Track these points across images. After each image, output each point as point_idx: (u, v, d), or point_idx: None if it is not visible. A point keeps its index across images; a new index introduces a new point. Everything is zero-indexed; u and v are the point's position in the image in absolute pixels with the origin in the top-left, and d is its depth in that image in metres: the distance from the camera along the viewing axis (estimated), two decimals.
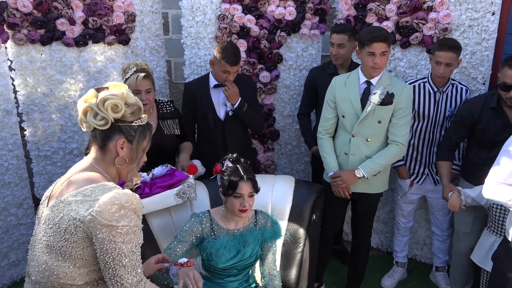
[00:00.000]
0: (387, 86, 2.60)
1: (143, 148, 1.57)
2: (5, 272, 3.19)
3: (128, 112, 1.50)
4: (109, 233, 1.37)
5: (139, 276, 1.45)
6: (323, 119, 2.81)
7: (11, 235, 3.16)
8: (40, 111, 3.12)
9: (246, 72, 3.30)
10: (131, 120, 1.52)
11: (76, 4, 2.96)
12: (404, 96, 2.61)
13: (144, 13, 3.22)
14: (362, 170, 2.65)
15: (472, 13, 2.91)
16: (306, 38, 3.33)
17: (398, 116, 2.62)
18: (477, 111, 2.66)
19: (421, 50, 3.10)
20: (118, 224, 1.38)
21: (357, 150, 2.70)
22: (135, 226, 1.42)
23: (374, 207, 2.92)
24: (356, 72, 2.70)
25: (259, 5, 3.18)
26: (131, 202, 1.41)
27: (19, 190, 3.14)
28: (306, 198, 2.52)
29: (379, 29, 2.62)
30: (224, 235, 2.20)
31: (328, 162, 2.78)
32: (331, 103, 2.75)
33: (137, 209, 1.43)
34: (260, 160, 3.56)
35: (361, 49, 2.57)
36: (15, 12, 2.83)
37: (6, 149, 3.00)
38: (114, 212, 1.37)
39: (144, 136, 1.56)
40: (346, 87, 2.68)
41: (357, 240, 3.02)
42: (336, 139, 2.82)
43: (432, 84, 2.89)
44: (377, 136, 2.68)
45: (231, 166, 2.18)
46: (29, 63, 3.00)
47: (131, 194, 1.43)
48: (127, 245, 1.40)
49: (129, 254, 1.41)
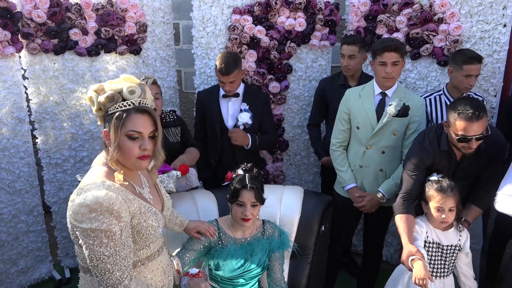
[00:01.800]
0: (402, 98, 2.60)
1: (126, 133, 1.49)
2: (14, 279, 3.20)
3: (102, 101, 1.49)
4: (81, 234, 1.42)
5: (118, 279, 1.46)
6: (337, 132, 2.81)
7: (20, 242, 3.18)
8: (52, 119, 3.16)
9: (256, 83, 3.32)
10: (107, 109, 1.51)
11: (89, 15, 3.02)
12: (419, 109, 2.62)
13: (155, 24, 3.26)
14: (383, 192, 2.67)
15: (483, 25, 2.90)
16: (316, 49, 3.34)
17: (413, 130, 2.62)
18: (436, 155, 2.38)
19: (432, 61, 3.09)
20: (87, 227, 1.39)
21: (372, 162, 2.69)
22: (107, 231, 1.40)
23: (387, 220, 2.90)
24: (371, 84, 2.70)
25: (270, 16, 3.20)
26: (101, 204, 1.39)
27: (30, 197, 3.16)
28: (315, 209, 2.50)
29: (391, 39, 2.64)
30: (232, 244, 2.19)
31: (344, 176, 2.77)
32: (345, 115, 2.74)
33: (113, 211, 1.41)
34: (269, 170, 3.55)
35: (374, 59, 2.59)
36: (29, 22, 2.88)
37: (18, 156, 3.04)
38: (83, 213, 1.39)
39: (119, 120, 1.47)
40: (361, 98, 2.68)
41: (369, 252, 2.99)
42: (349, 152, 2.81)
43: (448, 95, 2.86)
44: (392, 149, 2.66)
45: (240, 174, 2.18)
46: (42, 72, 3.05)
47: (104, 196, 1.40)
48: (100, 248, 1.41)
49: (103, 258, 1.42)
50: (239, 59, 2.92)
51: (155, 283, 1.66)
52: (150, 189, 1.71)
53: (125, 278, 1.47)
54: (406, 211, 2.29)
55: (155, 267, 1.67)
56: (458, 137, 2.15)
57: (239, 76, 2.90)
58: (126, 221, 1.47)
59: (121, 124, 1.47)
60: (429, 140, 2.36)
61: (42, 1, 2.87)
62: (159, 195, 1.78)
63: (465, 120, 2.10)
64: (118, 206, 1.43)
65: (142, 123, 1.50)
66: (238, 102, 2.99)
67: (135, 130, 1.49)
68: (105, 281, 1.46)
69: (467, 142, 2.15)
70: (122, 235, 1.44)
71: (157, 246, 1.69)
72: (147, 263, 1.64)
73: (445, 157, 2.34)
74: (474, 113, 2.08)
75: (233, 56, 2.89)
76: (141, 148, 1.51)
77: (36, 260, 3.31)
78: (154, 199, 1.70)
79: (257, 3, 3.17)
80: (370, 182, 2.73)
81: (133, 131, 1.49)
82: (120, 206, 1.43)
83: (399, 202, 2.35)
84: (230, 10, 3.20)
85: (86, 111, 3.22)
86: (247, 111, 2.94)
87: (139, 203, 1.55)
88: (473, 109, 2.09)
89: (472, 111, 2.08)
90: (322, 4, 3.21)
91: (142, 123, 1.50)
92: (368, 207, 2.72)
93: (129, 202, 1.50)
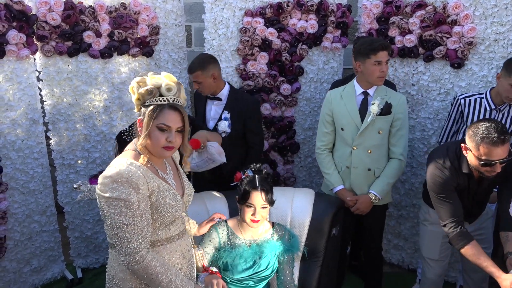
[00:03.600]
0: (384, 96, 2.62)
1: (157, 125, 1.65)
2: (27, 278, 3.24)
3: (142, 93, 1.65)
4: (105, 204, 1.60)
5: (135, 248, 1.61)
6: (321, 135, 2.81)
7: (34, 241, 3.22)
8: (65, 120, 3.20)
9: (267, 85, 3.32)
10: (145, 100, 1.67)
11: (102, 17, 3.05)
12: (401, 106, 2.65)
13: (168, 26, 3.29)
14: (375, 193, 2.67)
15: (498, 27, 2.86)
16: (327, 51, 3.33)
17: (397, 127, 2.65)
18: (460, 177, 2.32)
19: (445, 64, 3.05)
20: (108, 195, 1.58)
21: (359, 162, 2.69)
22: (126, 200, 1.58)
23: (380, 220, 2.89)
24: (351, 84, 2.71)
25: (281, 18, 3.20)
26: (121, 176, 1.58)
27: (43, 197, 3.20)
28: (326, 212, 2.49)
29: (380, 38, 2.66)
30: (241, 245, 2.19)
31: (331, 178, 2.77)
32: (328, 117, 2.75)
33: (132, 182, 1.59)
34: (280, 172, 3.55)
35: (364, 60, 2.58)
36: (44, 25, 2.92)
37: (32, 157, 3.08)
38: (107, 184, 1.59)
39: (153, 113, 1.64)
40: (343, 99, 2.70)
41: (369, 254, 2.98)
42: (335, 153, 2.81)
43: (491, 101, 2.72)
44: (378, 147, 2.68)
45: (250, 176, 2.18)
46: (56, 74, 3.09)
47: (125, 169, 1.60)
48: (119, 217, 1.59)
49: (122, 226, 1.59)
50: (210, 62, 2.80)
51: (173, 264, 1.77)
52: (174, 176, 1.85)
53: (141, 249, 1.62)
54: (467, 241, 2.20)
55: (173, 249, 1.78)
56: (482, 161, 2.09)
57: (205, 79, 2.79)
58: (144, 194, 1.63)
59: (154, 116, 1.65)
60: (450, 162, 2.28)
61: (56, 4, 2.91)
62: (181, 182, 1.90)
63: (490, 145, 2.04)
64: (137, 178, 1.60)
65: (172, 118, 1.67)
66: (220, 107, 2.92)
67: (165, 123, 1.66)
68: (123, 250, 1.61)
69: (491, 167, 2.10)
70: (139, 207, 1.61)
71: (178, 230, 1.81)
72: (166, 244, 1.76)
73: (465, 179, 2.30)
74: (499, 137, 2.02)
75: (204, 58, 2.84)
76: (168, 140, 1.68)
77: (48, 259, 3.35)
78: (176, 184, 1.84)
79: (269, 5, 3.18)
80: (359, 182, 2.73)
81: (163, 124, 1.66)
82: (138, 179, 1.60)
83: (453, 235, 2.24)
84: (242, 13, 3.20)
85: (99, 112, 3.25)
86: (227, 120, 2.86)
87: (158, 181, 1.70)
88: (498, 134, 2.03)
89: (496, 135, 2.02)
90: (334, 6, 3.20)
91: (172, 118, 1.67)
92: (362, 208, 2.71)
93: (148, 179, 1.66)
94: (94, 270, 3.56)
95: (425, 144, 3.22)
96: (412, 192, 3.33)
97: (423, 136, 3.22)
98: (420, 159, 3.25)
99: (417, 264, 3.43)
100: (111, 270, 1.78)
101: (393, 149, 2.70)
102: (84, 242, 3.49)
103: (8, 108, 2.92)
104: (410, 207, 3.36)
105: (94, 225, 3.47)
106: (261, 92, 3.34)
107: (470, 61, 2.98)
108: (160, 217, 1.71)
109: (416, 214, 3.33)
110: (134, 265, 1.62)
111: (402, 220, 3.43)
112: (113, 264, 1.77)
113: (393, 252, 3.55)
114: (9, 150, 2.97)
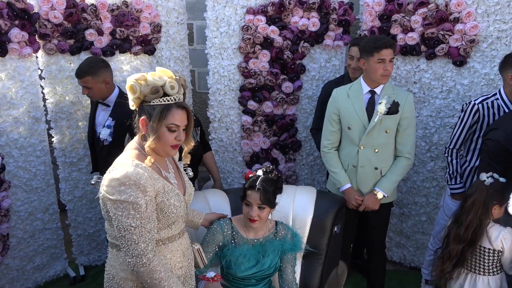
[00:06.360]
0: (391, 95, 2.60)
1: (166, 125, 1.65)
2: (30, 276, 3.25)
3: (146, 92, 1.62)
4: (112, 206, 1.59)
5: (143, 250, 1.60)
6: (327, 133, 2.79)
7: (36, 239, 3.23)
8: (67, 118, 3.21)
9: (269, 83, 3.32)
10: (150, 100, 1.64)
11: (104, 16, 3.05)
12: (408, 104, 2.63)
13: (169, 24, 3.28)
14: (381, 191, 2.66)
15: (501, 25, 2.85)
16: (329, 49, 3.33)
17: (404, 126, 2.64)
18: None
19: (447, 61, 3.05)
20: (116, 198, 1.56)
21: (366, 161, 2.68)
22: (134, 203, 1.57)
23: (385, 218, 2.89)
24: (358, 82, 2.70)
25: (283, 16, 3.20)
26: (129, 178, 1.56)
27: (46, 195, 3.21)
28: (327, 210, 2.50)
29: (385, 36, 2.62)
30: (244, 244, 2.20)
31: (338, 177, 2.76)
32: (335, 116, 2.73)
33: (139, 185, 1.58)
34: (282, 170, 3.55)
35: (368, 58, 2.56)
36: (46, 23, 2.93)
37: (34, 155, 3.09)
38: (114, 186, 1.57)
39: (162, 114, 1.63)
40: (350, 98, 2.68)
41: (372, 252, 2.98)
42: (342, 152, 2.79)
43: (507, 101, 2.63)
44: (385, 146, 2.67)
45: (256, 175, 2.19)
46: (58, 72, 3.09)
47: (132, 171, 1.58)
48: (127, 219, 1.57)
49: (130, 229, 1.58)
50: (101, 67, 2.76)
51: (174, 263, 1.79)
52: (175, 175, 1.85)
53: (149, 252, 1.62)
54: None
55: (175, 248, 1.80)
56: None
57: (95, 84, 2.75)
58: (151, 196, 1.62)
59: (163, 117, 1.64)
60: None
61: (58, 2, 2.92)
62: (182, 181, 1.90)
63: None
64: (144, 181, 1.59)
65: (180, 117, 1.68)
66: (106, 113, 2.89)
67: (174, 123, 1.66)
68: (130, 252, 1.60)
69: None
70: (147, 209, 1.60)
71: (178, 229, 1.82)
72: (168, 244, 1.77)
73: None
74: None
75: (94, 62, 2.78)
76: (177, 139, 1.69)
77: (51, 257, 3.36)
78: (177, 183, 1.84)
79: (271, 3, 3.17)
80: (366, 181, 2.72)
81: (173, 124, 1.66)
82: (146, 181, 1.60)
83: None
84: (244, 11, 3.20)
85: None
86: (109, 127, 2.82)
87: (163, 183, 1.70)
88: None
89: None
90: (336, 4, 3.19)
91: (180, 117, 1.68)
92: (370, 206, 2.70)
93: (154, 180, 1.66)
94: (96, 267, 3.58)
95: (427, 142, 3.22)
96: (414, 190, 3.33)
97: (425, 134, 3.22)
98: (422, 157, 3.25)
99: (419, 262, 3.43)
100: (111, 270, 1.77)
101: (400, 148, 2.69)
102: (87, 239, 3.51)
103: (10, 106, 2.92)
104: (412, 205, 3.36)
105: (97, 223, 3.48)
106: (263, 90, 3.34)
107: (473, 59, 2.98)
108: (165, 218, 1.71)
109: (418, 212, 3.33)
110: (140, 267, 1.61)
111: (404, 218, 3.43)
112: (113, 263, 1.76)
113: (394, 250, 3.55)
114: (11, 148, 2.98)
